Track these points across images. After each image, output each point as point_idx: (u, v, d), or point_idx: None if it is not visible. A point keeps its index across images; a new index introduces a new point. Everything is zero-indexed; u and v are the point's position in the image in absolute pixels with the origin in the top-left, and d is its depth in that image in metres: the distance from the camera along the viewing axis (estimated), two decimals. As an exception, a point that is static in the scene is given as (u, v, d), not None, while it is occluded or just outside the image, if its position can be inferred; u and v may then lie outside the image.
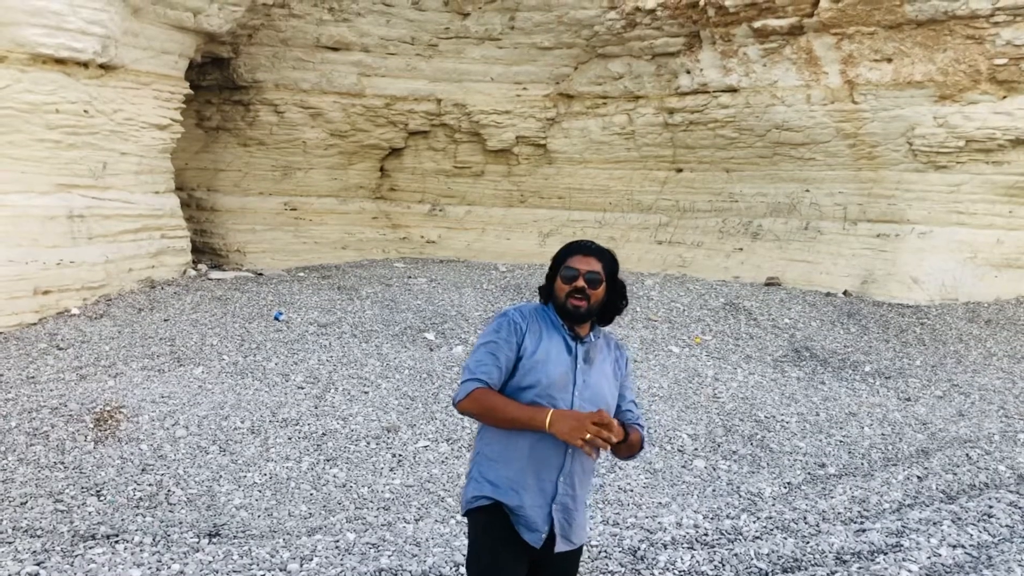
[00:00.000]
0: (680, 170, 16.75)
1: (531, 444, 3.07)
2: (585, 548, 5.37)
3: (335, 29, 16.18)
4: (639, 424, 3.28)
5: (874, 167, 14.31)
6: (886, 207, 14.27)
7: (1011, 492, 6.50)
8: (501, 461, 3.12)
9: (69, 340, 10.23)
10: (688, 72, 15.47)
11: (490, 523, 3.11)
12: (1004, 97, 12.87)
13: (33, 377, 8.97)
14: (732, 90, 15.10)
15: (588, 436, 2.83)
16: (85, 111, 11.89)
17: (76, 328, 10.69)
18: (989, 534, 5.66)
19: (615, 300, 3.23)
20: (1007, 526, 5.80)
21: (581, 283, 3.14)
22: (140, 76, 12.90)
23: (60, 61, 11.41)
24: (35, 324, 10.85)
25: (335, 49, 16.46)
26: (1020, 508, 6.14)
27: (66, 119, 11.62)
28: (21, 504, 6.13)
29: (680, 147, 16.36)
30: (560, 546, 3.14)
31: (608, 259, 3.22)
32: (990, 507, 6.12)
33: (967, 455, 7.47)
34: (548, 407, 3.01)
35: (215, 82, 16.50)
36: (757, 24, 14.11)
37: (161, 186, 13.75)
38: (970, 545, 5.46)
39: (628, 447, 3.15)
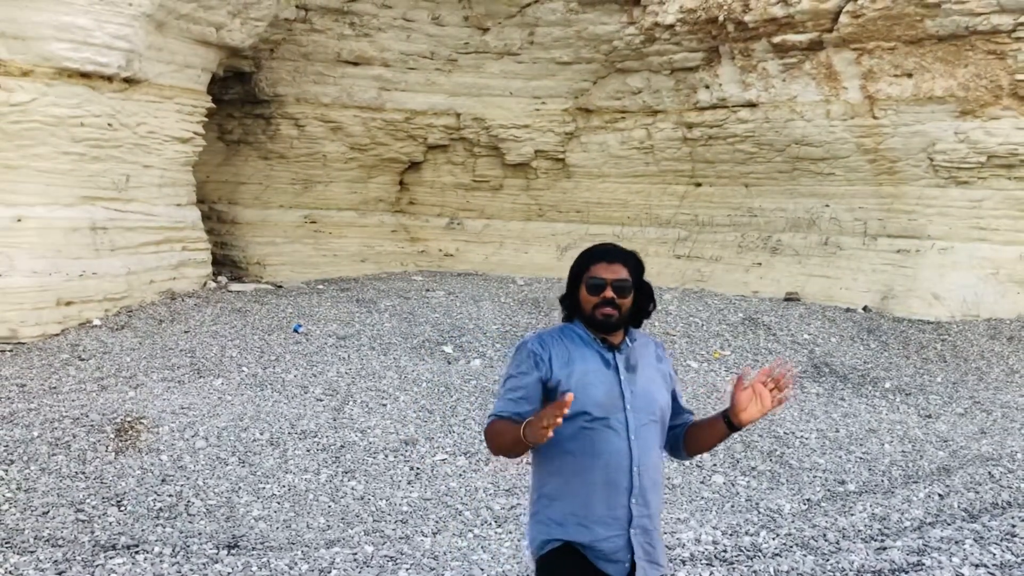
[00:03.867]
0: (699, 184, 16.73)
1: (585, 472, 2.88)
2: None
3: (356, 44, 16.31)
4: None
5: (894, 182, 14.25)
6: (906, 223, 14.19)
7: (1034, 511, 6.43)
8: (563, 497, 2.93)
9: (91, 351, 10.32)
10: (707, 87, 15.48)
11: (565, 564, 2.91)
12: (1026, 112, 12.78)
13: (55, 387, 9.06)
14: (751, 105, 15.08)
15: (545, 424, 2.62)
16: (109, 124, 12.04)
17: (98, 339, 10.79)
18: (1012, 554, 5.59)
19: (644, 304, 3.06)
20: (1030, 546, 5.73)
21: (610, 293, 2.94)
22: (163, 90, 13.04)
23: (85, 75, 11.57)
24: (58, 335, 10.97)
25: (356, 64, 16.58)
26: (1044, 527, 6.06)
27: (90, 132, 11.77)
28: (43, 513, 6.18)
29: (699, 162, 16.35)
30: (649, 572, 2.92)
31: (633, 263, 3.04)
32: (1013, 526, 6.05)
33: (989, 473, 7.40)
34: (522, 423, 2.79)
35: (237, 96, 16.66)
36: (776, 39, 14.11)
37: (183, 199, 13.88)
38: (993, 564, 5.40)
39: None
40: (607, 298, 2.95)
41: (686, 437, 3.12)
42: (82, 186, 11.87)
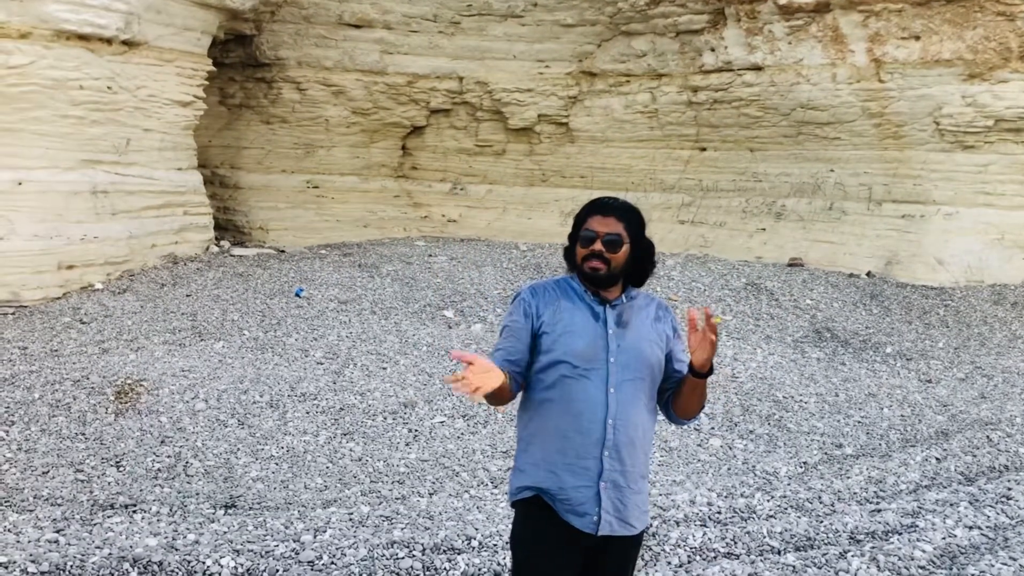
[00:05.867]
0: (703, 149, 16.60)
1: (560, 419, 2.90)
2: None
3: (357, 6, 16.15)
4: None
5: (900, 147, 14.11)
6: (912, 187, 14.08)
7: (1031, 474, 6.43)
8: (536, 443, 2.95)
9: (92, 314, 10.35)
10: (712, 50, 15.30)
11: (532, 516, 2.94)
12: (1035, 76, 12.63)
13: (57, 350, 9.09)
14: (757, 68, 14.92)
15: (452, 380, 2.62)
16: (108, 87, 11.97)
17: (99, 303, 10.82)
18: (1007, 516, 5.60)
19: (642, 261, 3.02)
20: (1025, 508, 5.74)
21: (599, 246, 2.92)
22: (163, 53, 12.96)
23: (83, 37, 11.49)
24: (59, 298, 10.99)
25: (357, 26, 16.44)
26: (1039, 490, 6.07)
27: (90, 95, 11.71)
28: (43, 473, 6.23)
29: (704, 126, 16.21)
30: (617, 529, 2.90)
31: (632, 218, 2.99)
32: (1009, 489, 6.05)
33: (987, 437, 7.39)
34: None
35: (238, 59, 16.55)
36: (782, 1, 13.91)
37: (184, 163, 13.85)
38: (986, 527, 5.41)
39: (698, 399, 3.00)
40: (595, 251, 2.93)
41: (673, 399, 3.10)
42: (82, 149, 11.83)
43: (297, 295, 11.74)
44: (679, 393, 3.06)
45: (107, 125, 12.13)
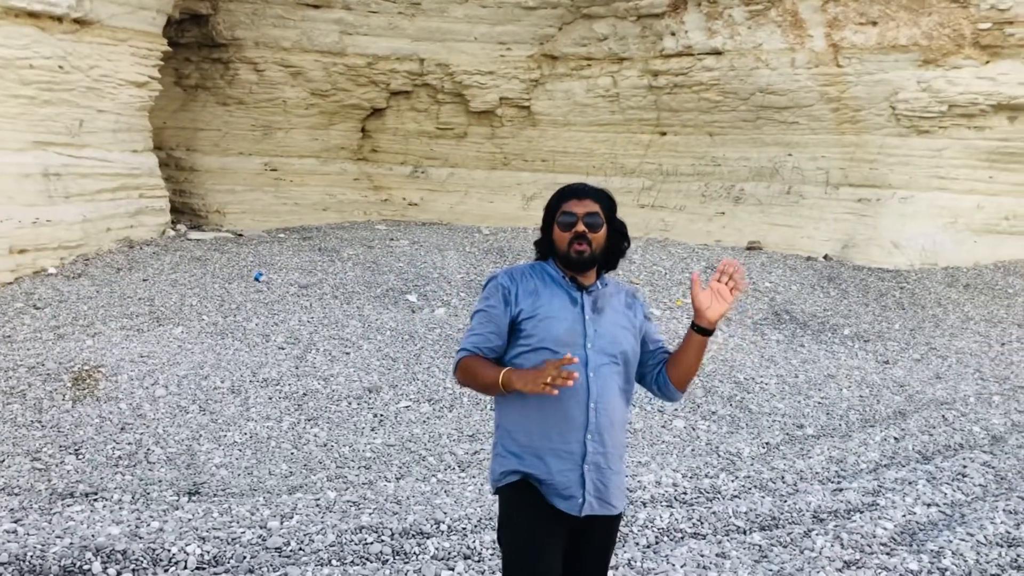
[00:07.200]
0: (664, 133, 16.67)
1: (542, 404, 2.88)
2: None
3: (316, -14, 15.92)
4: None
5: (857, 131, 14.30)
6: (868, 172, 14.29)
7: (985, 452, 6.58)
8: (519, 429, 2.96)
9: (46, 299, 10.12)
10: (673, 34, 15.34)
11: (520, 499, 2.95)
12: (987, 62, 12.85)
13: (9, 336, 8.88)
14: (717, 53, 14.99)
15: (549, 379, 2.66)
16: (60, 67, 11.67)
17: (53, 287, 10.58)
18: (963, 493, 5.73)
19: (617, 242, 3.06)
20: (980, 485, 5.88)
21: (581, 227, 2.95)
22: (116, 32, 12.65)
23: (33, 15, 11.18)
24: (11, 283, 10.73)
25: (316, 6, 16.20)
26: (993, 468, 6.22)
27: (40, 75, 11.41)
28: (-2, 462, 6.09)
29: (664, 110, 16.27)
30: (598, 509, 2.95)
31: (605, 199, 3.03)
32: (964, 467, 6.20)
33: (943, 416, 7.56)
34: (507, 367, 2.88)
35: (194, 39, 16.22)
36: (743, -15, 14.00)
37: (139, 145, 13.56)
38: (944, 504, 5.54)
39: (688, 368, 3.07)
40: (579, 232, 2.96)
41: (668, 369, 3.11)
42: (33, 130, 11.53)
43: (256, 279, 11.59)
44: (678, 361, 3.07)
45: (59, 105, 11.83)
